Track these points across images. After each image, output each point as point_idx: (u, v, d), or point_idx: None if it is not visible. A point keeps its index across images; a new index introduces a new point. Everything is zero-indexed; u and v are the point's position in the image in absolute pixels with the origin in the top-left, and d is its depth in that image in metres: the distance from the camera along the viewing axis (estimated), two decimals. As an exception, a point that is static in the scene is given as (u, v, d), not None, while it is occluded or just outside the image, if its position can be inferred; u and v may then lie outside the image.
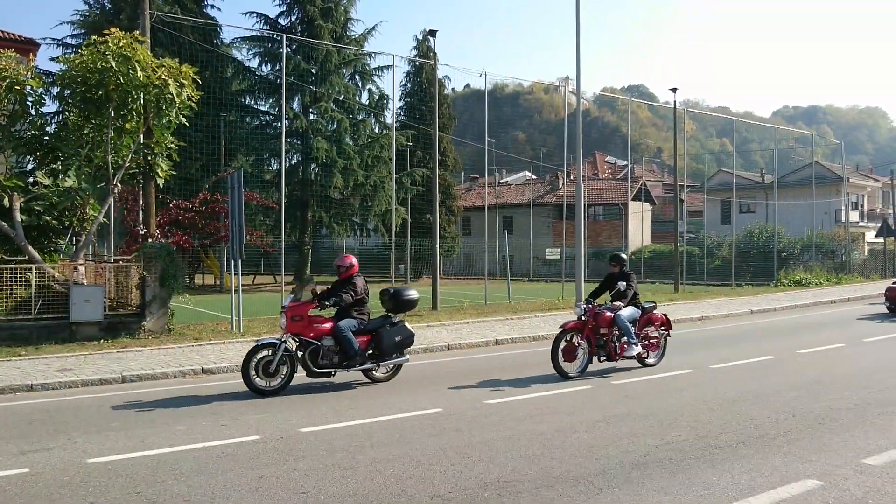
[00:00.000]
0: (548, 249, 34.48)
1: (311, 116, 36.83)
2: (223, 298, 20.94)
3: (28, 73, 13.82)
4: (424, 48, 41.00)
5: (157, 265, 13.86)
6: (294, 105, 36.88)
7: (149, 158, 14.78)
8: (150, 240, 15.20)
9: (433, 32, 22.97)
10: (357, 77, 39.28)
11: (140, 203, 16.46)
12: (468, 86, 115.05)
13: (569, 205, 30.06)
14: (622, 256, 10.68)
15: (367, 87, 39.51)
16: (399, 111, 42.23)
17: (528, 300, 23.87)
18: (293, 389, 9.04)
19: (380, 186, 36.33)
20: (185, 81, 13.88)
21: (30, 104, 13.97)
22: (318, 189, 35.75)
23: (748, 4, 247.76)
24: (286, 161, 34.37)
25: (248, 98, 38.06)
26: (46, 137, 14.56)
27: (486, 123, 26.93)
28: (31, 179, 15.03)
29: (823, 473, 5.41)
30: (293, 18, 37.76)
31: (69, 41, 34.45)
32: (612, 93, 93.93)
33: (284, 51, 26.97)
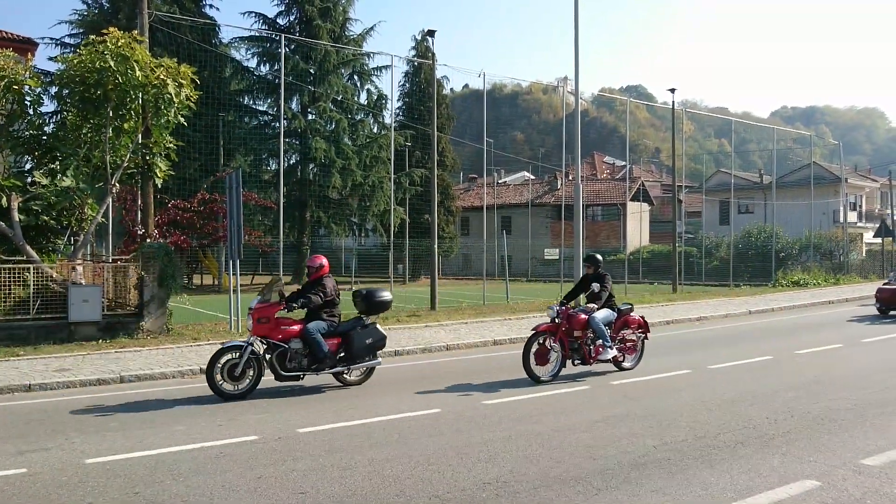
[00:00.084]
0: (546, 250, 34.47)
1: (310, 116, 36.83)
2: (221, 298, 20.93)
3: (26, 73, 13.78)
4: (423, 48, 41.05)
5: (156, 265, 13.86)
6: (292, 105, 36.93)
7: (147, 158, 14.74)
8: (149, 240, 15.17)
9: (432, 32, 23.01)
10: (355, 77, 39.33)
11: (138, 203, 16.43)
12: (467, 86, 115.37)
13: (567, 205, 30.09)
14: (597, 257, 10.36)
15: (366, 88, 39.64)
16: (397, 111, 42.35)
17: (527, 300, 23.87)
18: (296, 391, 9.04)
19: (378, 186, 36.35)
20: (184, 81, 13.86)
21: (28, 104, 13.95)
22: (317, 189, 35.78)
23: (748, 4, 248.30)
24: (284, 161, 34.33)
25: (247, 98, 38.11)
26: (45, 137, 14.54)
27: (485, 123, 26.96)
28: (30, 179, 15.03)
29: (822, 474, 5.41)
30: (292, 18, 37.82)
31: (67, 41, 34.60)
32: (611, 93, 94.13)
33: (283, 51, 27.03)
